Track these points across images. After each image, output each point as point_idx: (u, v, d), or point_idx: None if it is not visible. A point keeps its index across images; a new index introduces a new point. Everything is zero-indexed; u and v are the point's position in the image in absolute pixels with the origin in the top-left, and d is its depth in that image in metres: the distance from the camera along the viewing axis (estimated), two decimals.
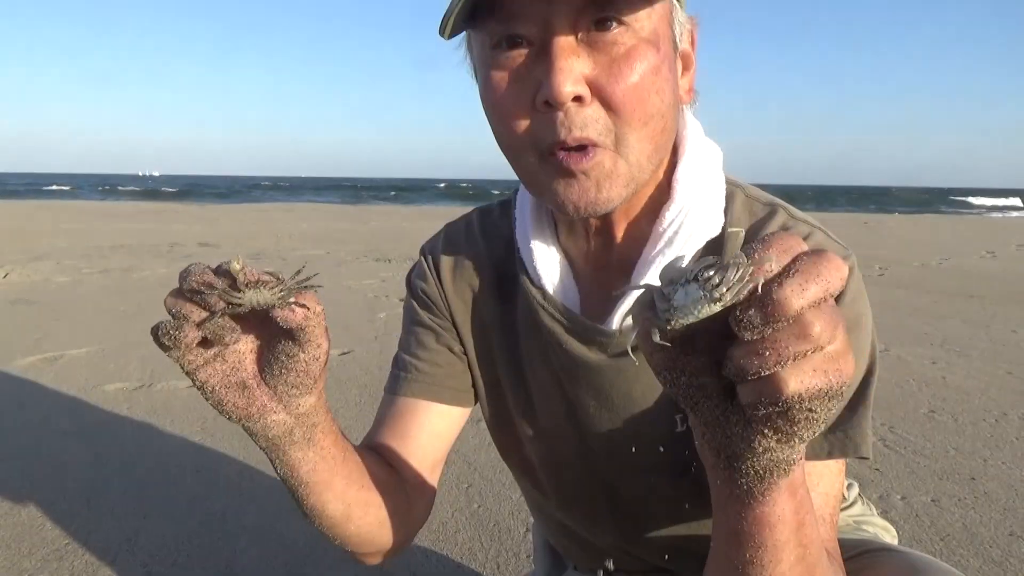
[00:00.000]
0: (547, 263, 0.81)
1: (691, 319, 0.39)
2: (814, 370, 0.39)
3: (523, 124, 0.67)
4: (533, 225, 0.82)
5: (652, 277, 0.73)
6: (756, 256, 0.39)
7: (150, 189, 40.94)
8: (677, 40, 0.70)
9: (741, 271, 0.38)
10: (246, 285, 0.51)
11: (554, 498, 0.94)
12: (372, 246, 9.00)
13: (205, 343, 0.54)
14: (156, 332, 0.52)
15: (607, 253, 0.79)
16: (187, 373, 0.56)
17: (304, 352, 0.56)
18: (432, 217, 15.16)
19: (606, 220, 0.77)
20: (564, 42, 0.63)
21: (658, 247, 0.74)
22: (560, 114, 0.64)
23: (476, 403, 0.93)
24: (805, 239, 0.73)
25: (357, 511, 0.73)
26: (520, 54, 0.65)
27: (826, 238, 0.75)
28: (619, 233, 0.78)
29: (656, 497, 0.85)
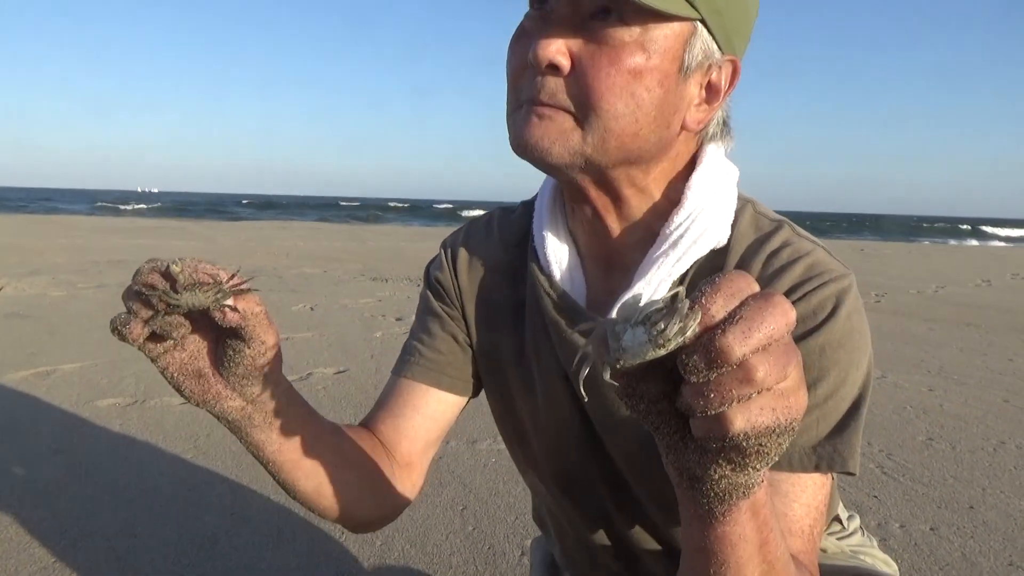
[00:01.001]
0: (556, 253, 0.84)
1: (637, 361, 0.40)
2: (761, 408, 0.40)
3: (518, 75, 0.72)
4: (548, 217, 0.86)
5: (654, 277, 0.76)
6: (702, 301, 0.40)
7: (148, 205, 40.98)
8: (687, 64, 0.70)
9: (686, 318, 0.39)
10: (184, 288, 0.55)
11: (556, 492, 0.94)
12: (369, 265, 9.00)
13: (159, 336, 0.59)
14: (112, 324, 0.58)
15: (605, 248, 0.82)
16: (150, 359, 0.61)
17: (249, 348, 0.60)
18: (430, 237, 15.18)
19: (595, 214, 0.80)
20: (564, 14, 0.68)
21: (662, 248, 0.77)
22: (539, 77, 0.69)
23: (475, 395, 0.96)
24: (805, 256, 0.74)
25: (329, 488, 0.77)
26: (540, 14, 0.71)
27: (826, 256, 0.76)
28: (614, 230, 0.80)
29: (658, 496, 0.84)
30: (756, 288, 0.41)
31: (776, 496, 0.69)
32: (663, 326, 0.39)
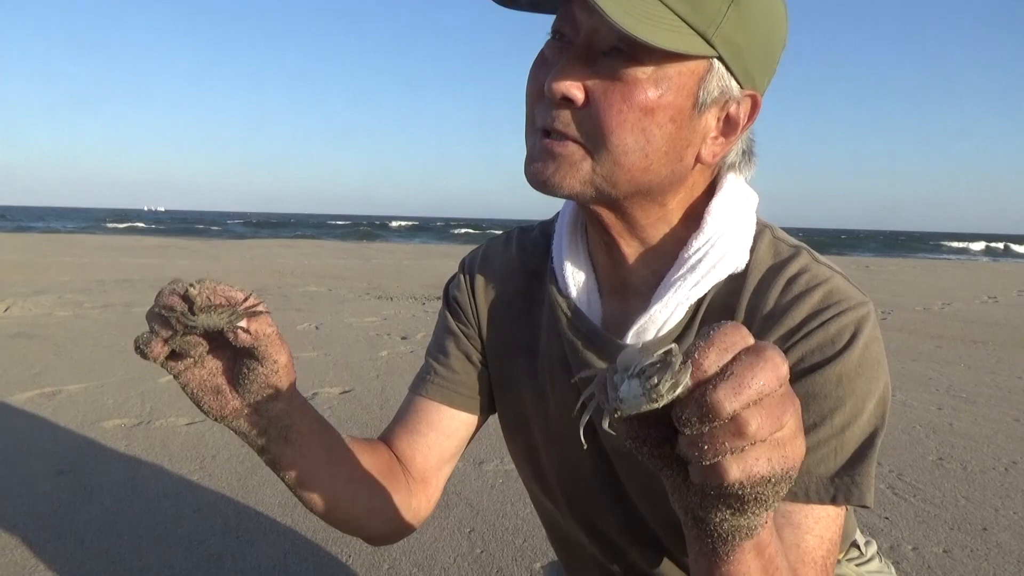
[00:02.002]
0: (575, 274, 0.85)
1: (633, 412, 0.41)
2: (757, 459, 0.41)
3: (534, 100, 0.73)
4: (568, 239, 0.87)
5: (672, 300, 0.76)
6: (695, 356, 0.40)
7: (154, 224, 41.16)
8: (701, 100, 0.70)
9: (678, 373, 0.40)
10: (200, 309, 0.58)
11: (567, 511, 0.94)
12: (374, 283, 9.01)
13: (179, 354, 0.63)
14: (135, 343, 0.60)
15: (623, 272, 0.83)
16: (172, 375, 0.64)
17: (262, 366, 0.63)
18: (434, 255, 15.21)
19: (612, 239, 0.80)
20: (580, 48, 0.69)
21: (680, 272, 0.77)
22: (553, 106, 0.70)
23: (488, 415, 0.97)
24: (823, 283, 0.74)
25: (344, 502, 0.80)
26: (559, 44, 0.72)
27: (844, 283, 0.75)
28: (631, 255, 0.81)
29: (670, 520, 0.84)
30: (750, 341, 0.41)
31: (788, 527, 0.69)
32: (656, 380, 0.40)
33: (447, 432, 0.92)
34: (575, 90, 0.68)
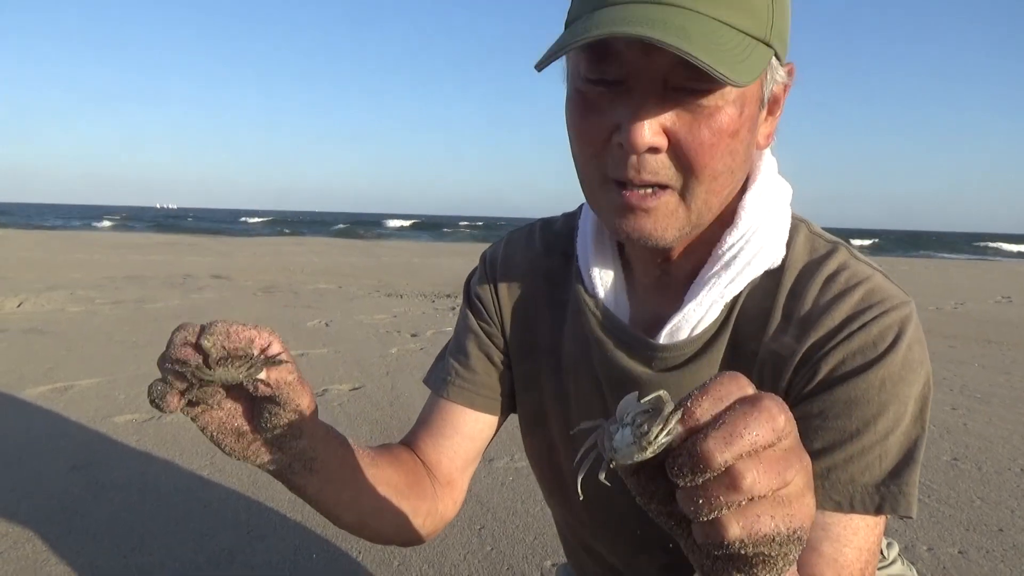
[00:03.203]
0: (603, 273, 0.83)
1: (627, 462, 0.40)
2: (759, 516, 0.39)
3: (597, 154, 0.68)
4: (594, 236, 0.84)
5: (706, 297, 0.74)
6: (688, 404, 0.39)
7: (166, 222, 41.39)
8: (766, 98, 0.69)
9: (669, 422, 0.39)
10: (216, 363, 0.55)
11: (583, 513, 0.92)
12: (384, 281, 9.02)
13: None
14: (149, 395, 0.57)
15: (661, 272, 0.81)
16: (191, 419, 0.61)
17: (284, 411, 0.60)
18: (443, 253, 15.21)
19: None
20: (651, 92, 0.64)
21: (714, 269, 0.75)
22: (634, 157, 0.65)
23: (508, 414, 0.96)
24: (864, 281, 0.72)
25: (372, 519, 0.79)
26: (609, 93, 0.66)
27: (885, 281, 0.73)
28: (675, 253, 0.79)
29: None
30: (748, 391, 0.40)
31: (827, 541, 0.67)
32: (647, 428, 0.39)
33: (471, 435, 0.91)
34: (658, 138, 0.64)
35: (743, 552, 0.40)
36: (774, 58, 0.67)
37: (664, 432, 0.39)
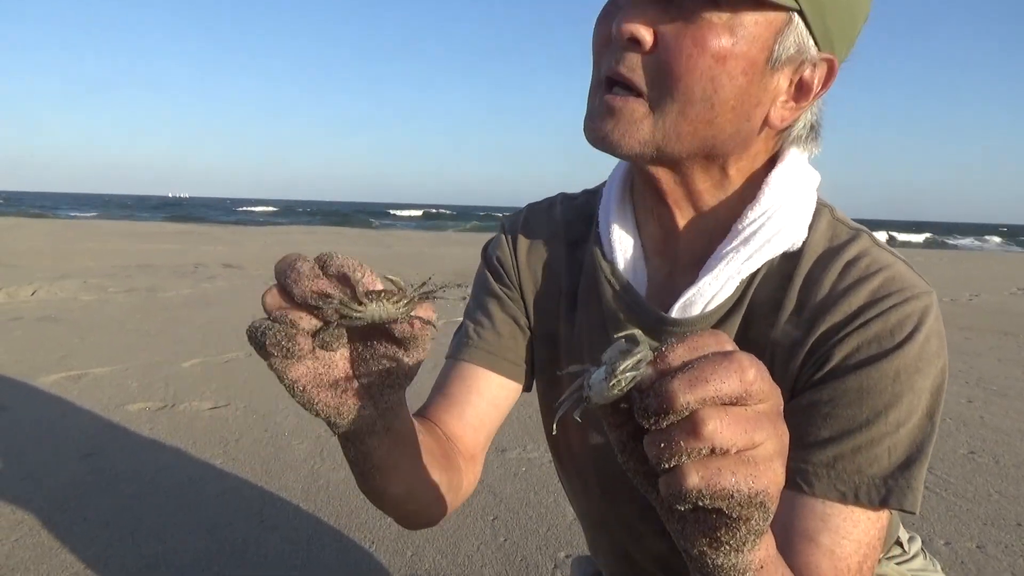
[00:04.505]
0: (621, 241, 0.82)
1: (600, 401, 0.41)
2: (719, 469, 0.39)
3: (600, 50, 0.70)
4: (616, 205, 0.83)
5: (722, 272, 0.73)
6: (663, 349, 0.40)
7: (178, 211, 41.59)
8: (776, 55, 0.66)
9: (638, 358, 0.40)
10: (367, 296, 0.47)
11: (597, 490, 0.91)
12: (394, 271, 8.89)
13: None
14: (261, 339, 0.48)
15: (672, 241, 0.79)
16: (275, 372, 0.51)
17: (408, 356, 0.53)
18: (453, 243, 15.20)
19: (663, 203, 0.77)
20: None
21: (733, 244, 0.74)
22: (620, 50, 0.67)
23: (526, 388, 0.93)
24: (885, 269, 0.70)
25: (417, 491, 0.72)
26: None
27: (907, 270, 0.71)
28: (682, 223, 0.78)
29: None
30: (727, 348, 0.40)
31: (826, 532, 0.66)
32: (619, 366, 0.40)
33: (494, 401, 0.87)
34: (644, 31, 0.64)
35: (701, 504, 0.40)
36: (803, 24, 0.65)
37: (630, 367, 0.39)
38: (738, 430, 0.39)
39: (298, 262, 0.48)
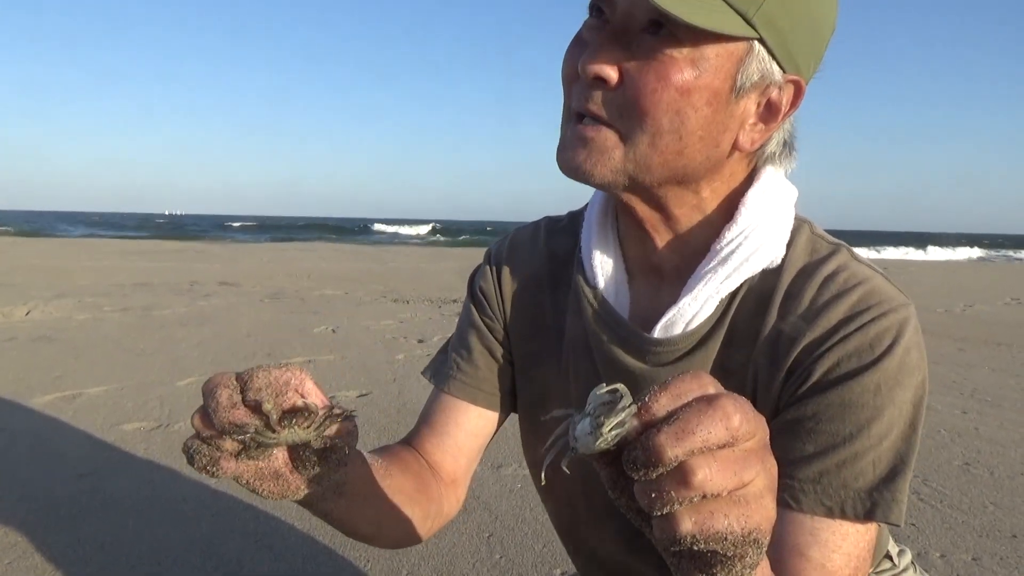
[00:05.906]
0: (603, 265, 0.83)
1: (586, 452, 0.41)
2: (712, 513, 0.39)
3: (570, 82, 0.72)
4: (597, 229, 0.84)
5: (702, 292, 0.74)
6: (646, 399, 0.40)
7: (173, 229, 41.54)
8: (740, 83, 0.68)
9: (624, 414, 0.40)
10: (279, 423, 0.51)
11: (584, 512, 0.91)
12: (390, 287, 9.01)
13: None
14: (191, 459, 0.52)
15: (654, 264, 0.81)
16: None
17: (337, 455, 0.57)
18: (450, 258, 15.21)
19: (643, 229, 0.78)
20: (617, 26, 0.67)
21: (711, 264, 0.75)
22: (587, 87, 0.68)
23: (508, 414, 0.95)
24: (863, 283, 0.71)
25: (385, 527, 0.78)
26: (596, 23, 0.70)
27: (885, 283, 0.73)
28: (661, 246, 0.79)
29: None
30: (708, 391, 0.41)
31: (816, 546, 0.67)
32: (603, 420, 0.40)
33: (473, 431, 0.91)
34: (609, 70, 0.66)
35: (696, 548, 0.40)
36: (764, 51, 0.67)
37: (616, 424, 0.39)
38: (728, 473, 0.39)
39: (218, 390, 0.51)
